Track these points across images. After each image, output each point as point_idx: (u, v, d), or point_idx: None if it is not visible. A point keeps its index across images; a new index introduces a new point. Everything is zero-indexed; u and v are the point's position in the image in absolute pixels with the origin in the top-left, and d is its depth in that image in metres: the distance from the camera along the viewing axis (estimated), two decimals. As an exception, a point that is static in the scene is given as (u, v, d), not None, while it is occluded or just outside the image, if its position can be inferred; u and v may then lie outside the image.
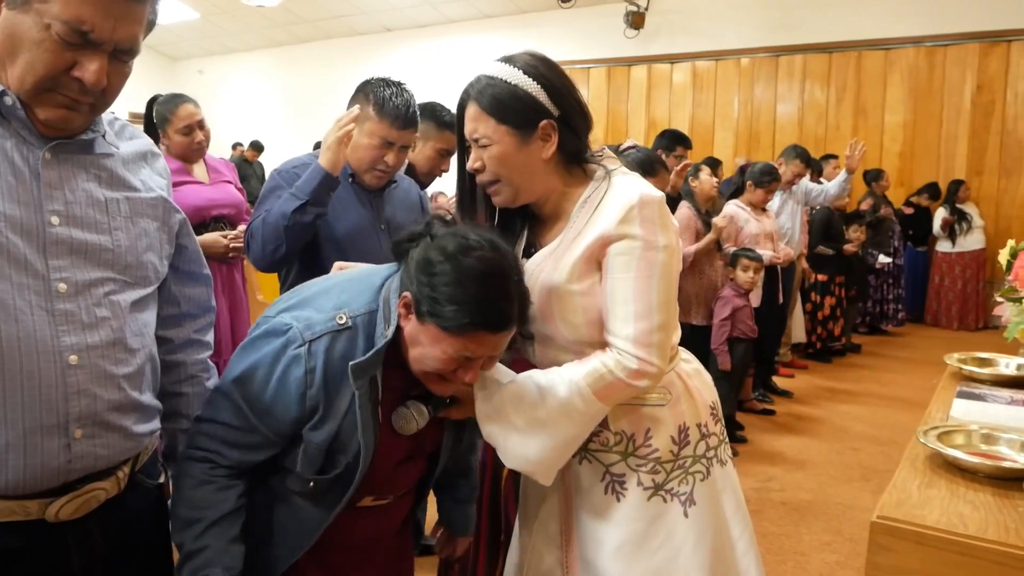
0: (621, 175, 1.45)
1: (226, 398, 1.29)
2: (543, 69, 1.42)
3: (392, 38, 11.46)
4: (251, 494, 1.35)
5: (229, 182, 3.28)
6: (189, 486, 1.28)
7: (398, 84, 2.17)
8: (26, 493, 1.06)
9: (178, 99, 3.10)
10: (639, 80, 9.74)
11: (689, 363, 1.59)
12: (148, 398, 1.21)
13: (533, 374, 1.42)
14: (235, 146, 11.20)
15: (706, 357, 4.00)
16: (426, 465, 1.50)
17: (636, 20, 9.22)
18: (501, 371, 1.42)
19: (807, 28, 8.64)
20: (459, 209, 1.55)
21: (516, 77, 1.39)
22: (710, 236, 4.12)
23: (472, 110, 1.42)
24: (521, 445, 1.40)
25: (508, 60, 1.42)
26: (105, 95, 1.08)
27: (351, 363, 1.23)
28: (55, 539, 1.11)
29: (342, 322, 1.26)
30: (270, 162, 10.72)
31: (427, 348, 1.23)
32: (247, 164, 10.72)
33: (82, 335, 1.08)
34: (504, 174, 1.42)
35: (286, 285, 2.28)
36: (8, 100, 1.03)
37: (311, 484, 1.30)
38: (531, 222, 1.56)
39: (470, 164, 1.45)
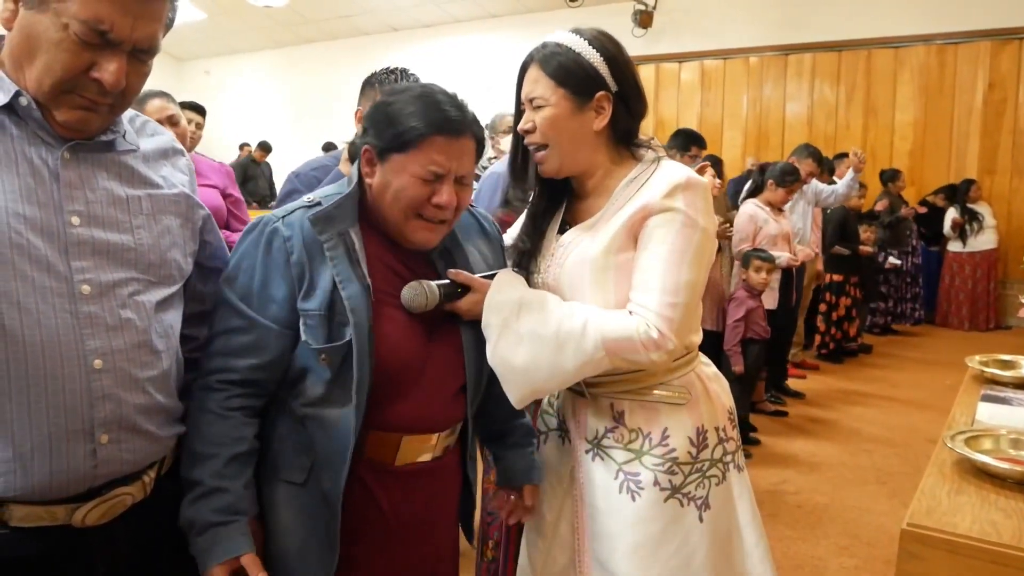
0: (670, 160, 1.47)
1: (223, 304, 1.30)
2: (609, 45, 1.46)
3: (398, 38, 11.46)
4: (282, 437, 1.31)
5: (213, 186, 3.05)
6: (205, 421, 1.25)
7: (402, 70, 2.18)
8: (52, 498, 1.05)
9: (146, 95, 2.82)
10: (647, 79, 9.68)
11: (708, 366, 1.58)
12: (174, 400, 1.20)
13: (555, 297, 1.44)
14: (242, 146, 11.21)
15: (716, 362, 3.98)
16: (463, 405, 1.44)
17: (644, 19, 9.20)
18: (523, 283, 1.45)
19: (816, 26, 8.60)
20: (510, 174, 1.58)
21: (582, 47, 1.43)
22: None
23: (533, 72, 1.45)
24: (511, 347, 1.38)
25: (577, 31, 1.46)
26: (124, 96, 1.06)
27: (311, 213, 1.28)
28: (80, 544, 1.10)
29: (311, 199, 1.33)
30: (277, 162, 10.72)
31: (396, 182, 1.28)
32: (255, 164, 10.72)
33: (106, 338, 1.06)
34: (552, 138, 1.44)
35: None
36: (23, 101, 1.01)
37: (322, 356, 1.26)
38: (570, 200, 1.56)
39: (521, 124, 1.48)
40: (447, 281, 1.38)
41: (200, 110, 4.14)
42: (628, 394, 1.47)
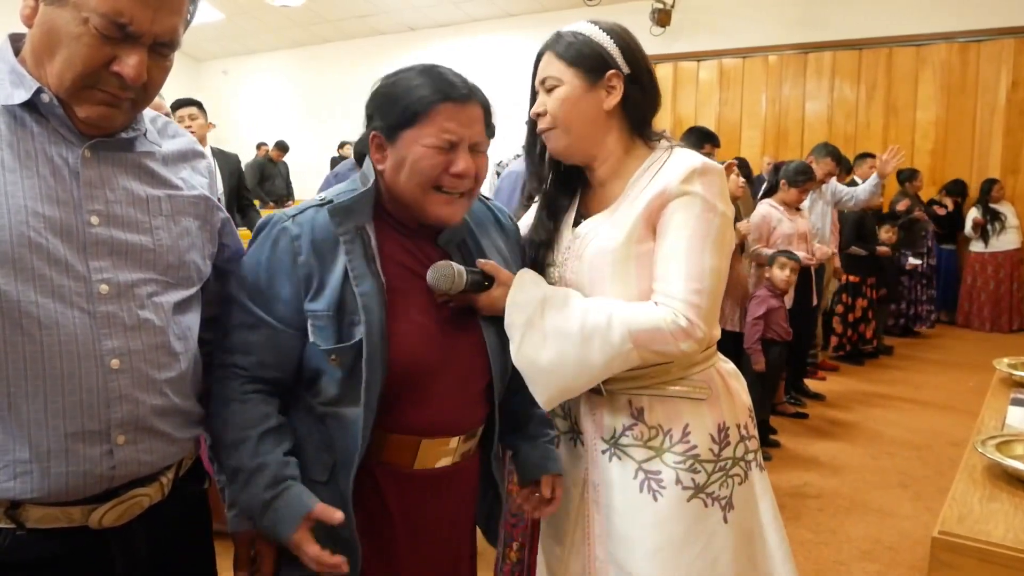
0: (683, 148, 1.48)
1: (231, 301, 1.29)
2: (623, 34, 1.48)
3: (415, 37, 11.46)
4: (304, 435, 1.31)
5: None
6: (229, 411, 1.26)
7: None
8: (69, 500, 1.04)
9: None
10: (665, 78, 9.61)
11: (727, 363, 1.56)
12: (191, 403, 1.19)
13: (578, 293, 1.41)
14: (259, 146, 11.25)
15: (737, 362, 3.94)
16: (485, 407, 1.42)
17: (662, 17, 9.13)
18: (544, 281, 1.44)
19: (836, 24, 8.50)
20: (526, 160, 1.59)
21: (596, 34, 1.46)
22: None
23: (547, 58, 1.48)
24: (536, 347, 1.36)
25: (592, 22, 1.49)
26: (146, 90, 1.05)
27: (329, 205, 1.26)
28: (98, 546, 1.09)
29: (324, 197, 1.31)
30: (294, 161, 10.77)
31: (410, 156, 1.25)
32: (272, 164, 10.76)
33: (124, 338, 1.05)
34: (563, 117, 1.45)
35: None
36: (45, 98, 1.01)
37: (332, 357, 1.24)
38: (584, 192, 1.55)
39: (533, 109, 1.49)
40: (476, 269, 1.36)
41: (196, 104, 4.12)
42: (646, 390, 1.44)
